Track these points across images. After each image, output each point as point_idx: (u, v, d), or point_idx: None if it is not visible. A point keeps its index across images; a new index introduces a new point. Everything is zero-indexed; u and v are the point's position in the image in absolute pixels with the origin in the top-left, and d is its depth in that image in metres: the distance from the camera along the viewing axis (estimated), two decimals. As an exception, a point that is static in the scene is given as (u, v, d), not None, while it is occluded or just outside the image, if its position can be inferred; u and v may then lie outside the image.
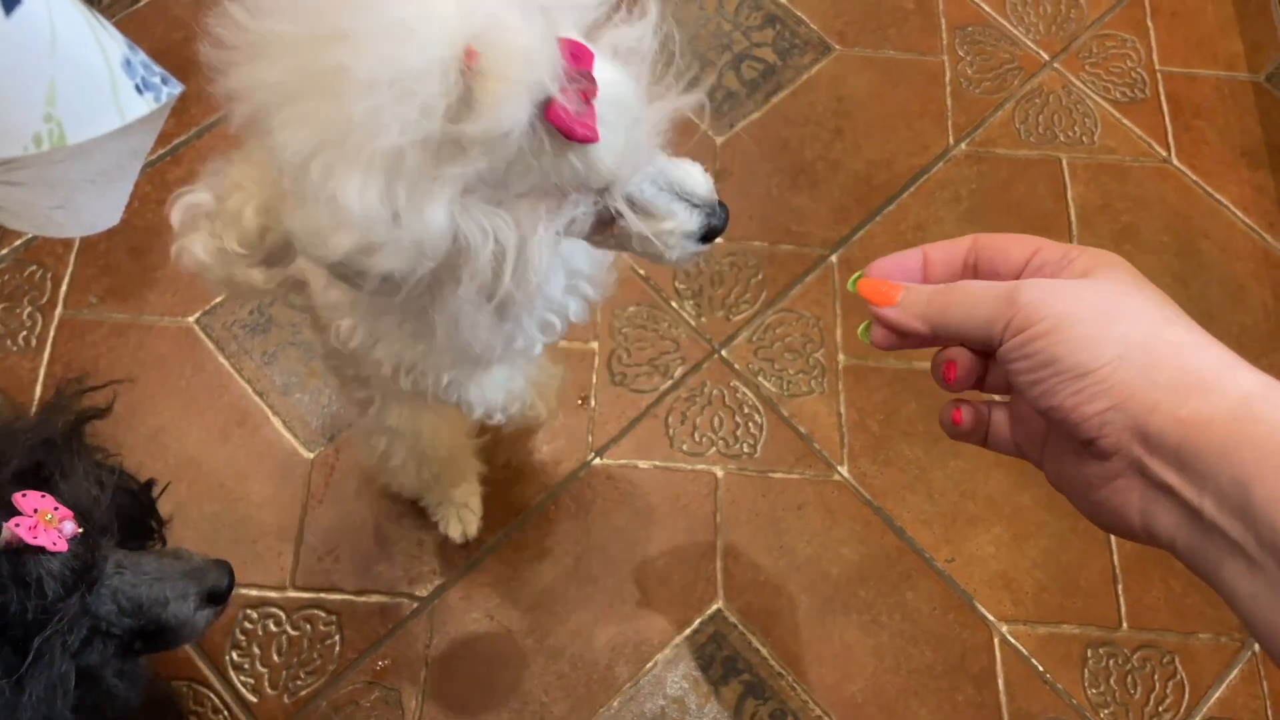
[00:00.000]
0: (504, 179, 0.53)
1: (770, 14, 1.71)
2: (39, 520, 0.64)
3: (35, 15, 0.46)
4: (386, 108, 0.48)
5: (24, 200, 0.52)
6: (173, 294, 1.45)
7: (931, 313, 0.52)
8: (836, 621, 1.31)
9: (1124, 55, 1.71)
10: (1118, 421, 0.45)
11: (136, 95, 0.51)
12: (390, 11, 0.49)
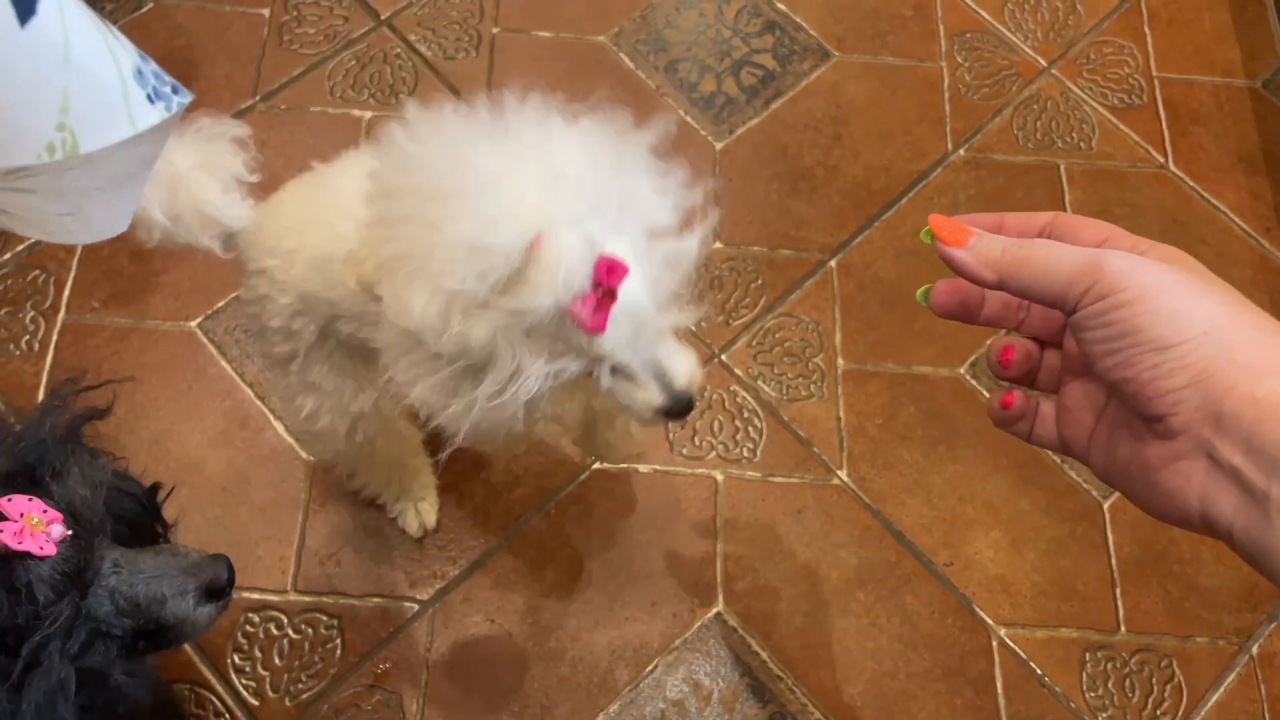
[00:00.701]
0: (530, 325, 0.69)
1: (770, 21, 1.72)
2: (25, 525, 0.64)
3: (49, 26, 0.47)
4: (459, 262, 0.65)
5: (33, 207, 0.53)
6: (175, 298, 1.45)
7: (1006, 263, 0.50)
8: (836, 625, 1.31)
9: (1121, 61, 1.72)
10: (1192, 400, 0.44)
11: (148, 104, 0.51)
12: (486, 199, 0.66)
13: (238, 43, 1.64)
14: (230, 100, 1.58)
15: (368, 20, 1.67)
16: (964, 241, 0.52)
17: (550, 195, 0.67)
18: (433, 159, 0.69)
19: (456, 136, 0.69)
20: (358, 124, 1.59)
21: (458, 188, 0.66)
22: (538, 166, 0.68)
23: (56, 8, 0.48)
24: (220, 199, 0.94)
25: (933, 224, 0.53)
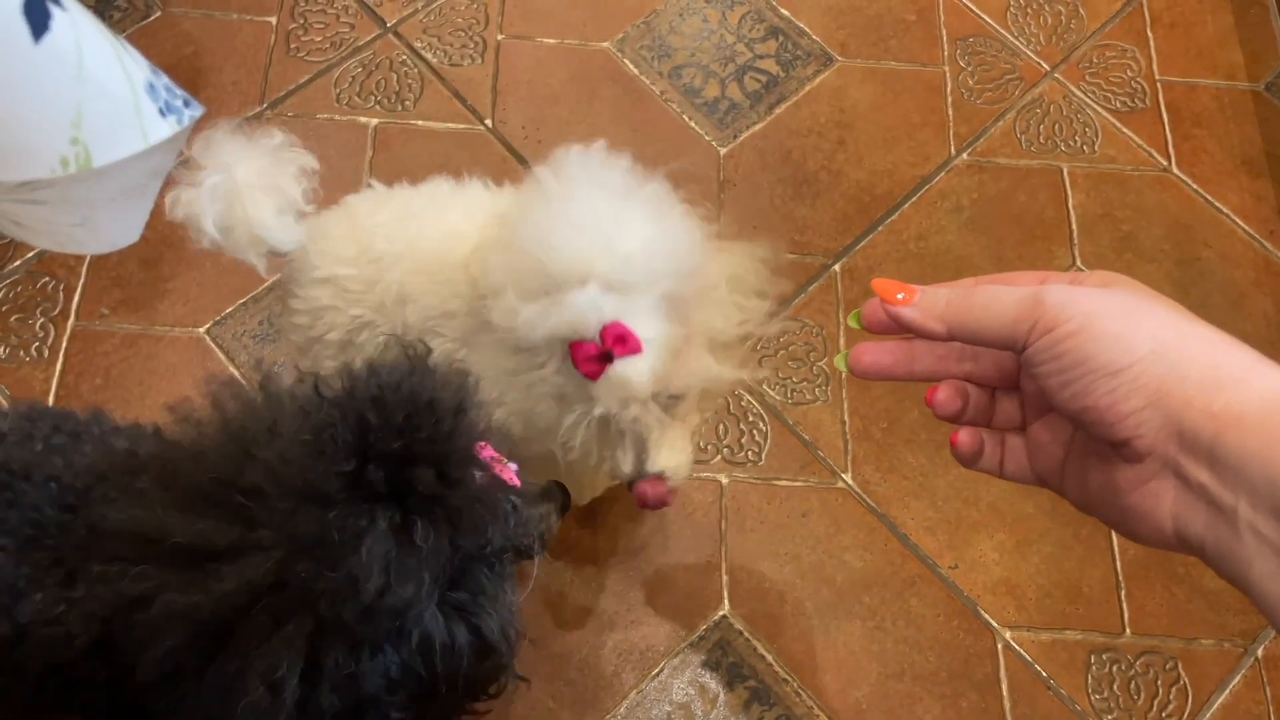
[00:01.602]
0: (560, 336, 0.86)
1: (773, 26, 1.73)
2: (502, 463, 0.73)
3: (62, 41, 0.48)
4: (536, 280, 0.84)
5: (45, 218, 0.53)
6: (184, 305, 1.46)
7: (950, 314, 0.51)
8: (841, 628, 1.32)
9: (1124, 65, 1.73)
10: (1154, 421, 0.45)
11: (160, 118, 0.52)
12: (558, 252, 0.84)
13: (245, 51, 1.65)
14: (238, 108, 1.59)
15: (374, 27, 1.68)
16: (909, 299, 0.53)
17: (600, 259, 0.83)
18: (536, 213, 0.87)
19: (556, 199, 0.87)
20: (364, 131, 1.60)
21: (547, 237, 0.84)
22: (603, 238, 0.84)
23: (70, 23, 0.49)
24: (274, 221, 0.97)
25: (875, 286, 0.54)
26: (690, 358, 0.89)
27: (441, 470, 0.63)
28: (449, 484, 0.64)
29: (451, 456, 0.65)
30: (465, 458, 0.68)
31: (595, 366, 0.84)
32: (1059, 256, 1.56)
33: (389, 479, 0.62)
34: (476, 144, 1.59)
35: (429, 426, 0.64)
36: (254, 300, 1.47)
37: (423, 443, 0.63)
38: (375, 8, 1.70)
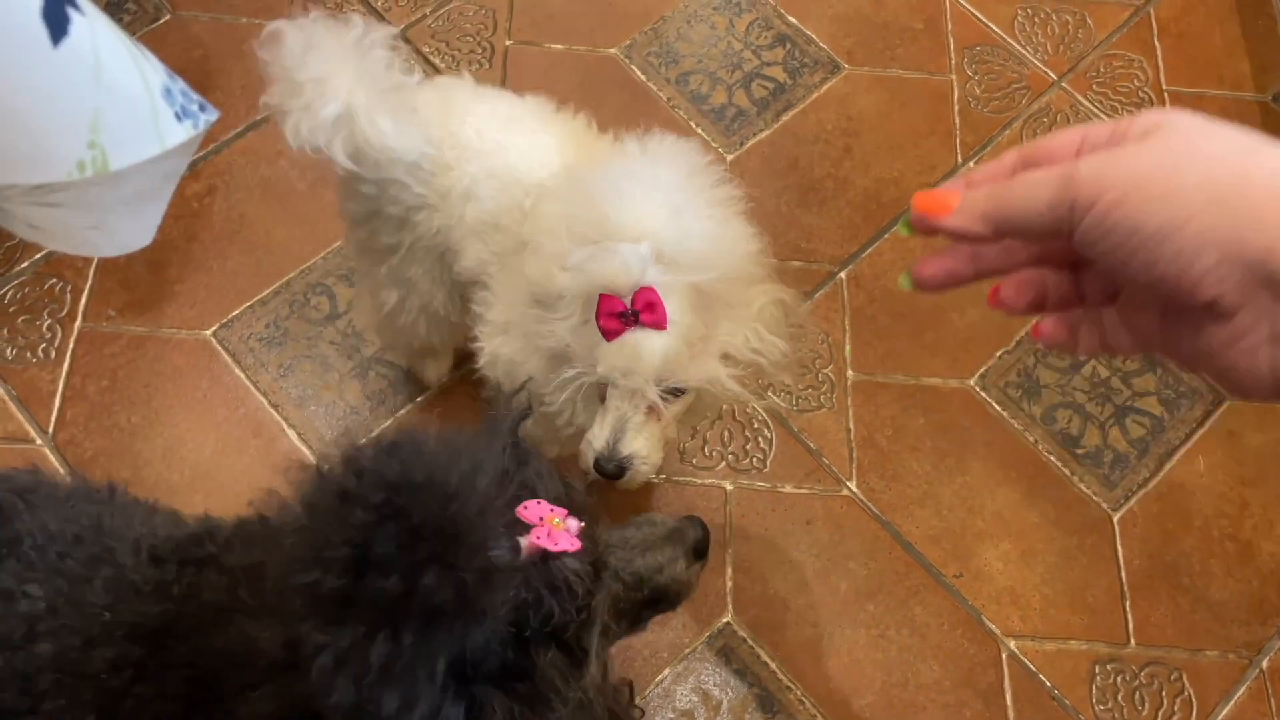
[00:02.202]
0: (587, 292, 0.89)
1: (780, 33, 1.73)
2: (549, 525, 0.64)
3: (81, 46, 0.48)
4: (582, 239, 0.89)
5: (60, 221, 0.54)
6: (190, 307, 1.47)
7: (991, 209, 0.47)
8: (845, 636, 1.32)
9: (1131, 75, 1.73)
10: (1234, 275, 0.41)
11: (176, 122, 0.53)
12: (610, 222, 0.88)
13: (253, 54, 1.64)
14: (245, 111, 1.60)
15: (382, 32, 1.68)
16: (949, 206, 0.49)
17: (662, 226, 0.86)
18: (613, 170, 0.92)
19: (636, 163, 0.92)
20: (371, 135, 1.60)
21: (617, 190, 0.89)
22: (669, 208, 0.88)
23: (88, 28, 0.50)
24: (395, 137, 0.97)
25: (915, 201, 0.51)
26: (703, 360, 0.91)
27: (448, 561, 0.56)
28: (452, 572, 0.56)
29: (460, 540, 0.57)
30: (477, 539, 0.59)
31: (617, 324, 0.86)
32: (1065, 266, 1.56)
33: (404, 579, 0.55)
34: (484, 149, 1.59)
35: (423, 511, 0.56)
36: (261, 303, 1.47)
37: (424, 532, 0.56)
38: (384, 13, 1.70)
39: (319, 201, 1.55)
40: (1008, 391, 1.47)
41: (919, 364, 1.48)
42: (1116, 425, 1.46)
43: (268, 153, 1.58)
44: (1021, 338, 1.51)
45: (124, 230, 0.58)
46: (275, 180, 1.56)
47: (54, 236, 0.56)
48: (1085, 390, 1.48)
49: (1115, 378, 1.49)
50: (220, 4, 1.68)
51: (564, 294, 0.90)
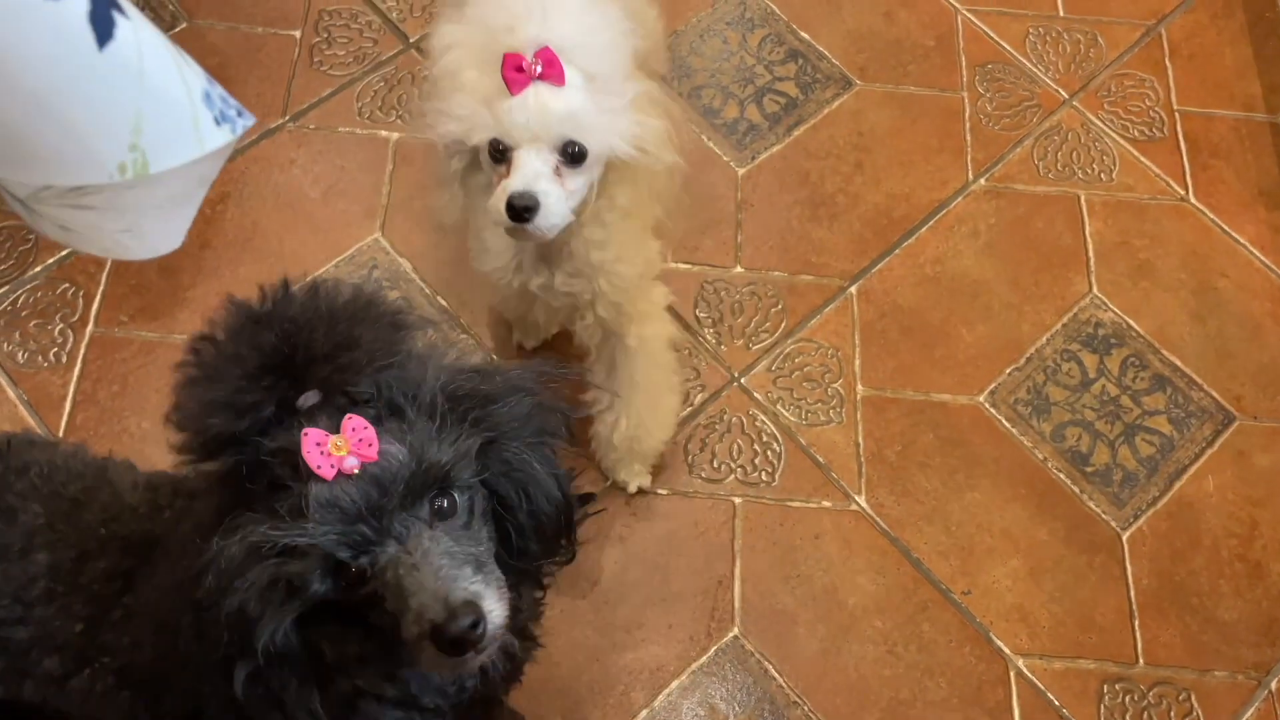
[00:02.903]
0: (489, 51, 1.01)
1: (792, 49, 1.74)
2: (328, 449, 0.71)
3: (126, 49, 0.49)
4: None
5: (93, 224, 0.54)
6: (202, 314, 1.46)
7: None
8: (853, 651, 1.31)
9: (1142, 95, 1.73)
10: None
11: (215, 127, 0.53)
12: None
13: (269, 63, 1.66)
14: (261, 119, 1.60)
15: (396, 43, 1.69)
16: None
17: (548, 18, 0.99)
18: None
19: None
20: (385, 144, 1.61)
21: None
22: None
23: (133, 32, 0.50)
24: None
25: None
26: (599, 128, 1.02)
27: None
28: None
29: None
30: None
31: (520, 76, 0.97)
32: (1075, 283, 1.56)
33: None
34: (496, 160, 1.60)
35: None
36: (272, 310, 1.47)
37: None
38: (399, 23, 1.71)
39: (331, 210, 1.56)
40: (1017, 408, 1.47)
41: (928, 380, 1.48)
42: (1126, 444, 1.46)
43: (281, 161, 1.59)
44: (1031, 354, 1.51)
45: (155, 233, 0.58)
46: (288, 188, 1.57)
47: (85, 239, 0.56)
48: (1095, 408, 1.48)
49: (1125, 396, 1.49)
50: (236, 13, 1.69)
51: (460, 67, 1.03)
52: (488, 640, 0.68)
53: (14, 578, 0.81)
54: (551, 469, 0.77)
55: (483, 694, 0.84)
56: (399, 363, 0.70)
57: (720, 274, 1.55)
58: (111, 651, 0.80)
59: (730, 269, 1.55)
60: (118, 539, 0.82)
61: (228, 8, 1.70)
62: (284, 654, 0.68)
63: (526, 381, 0.78)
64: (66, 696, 0.82)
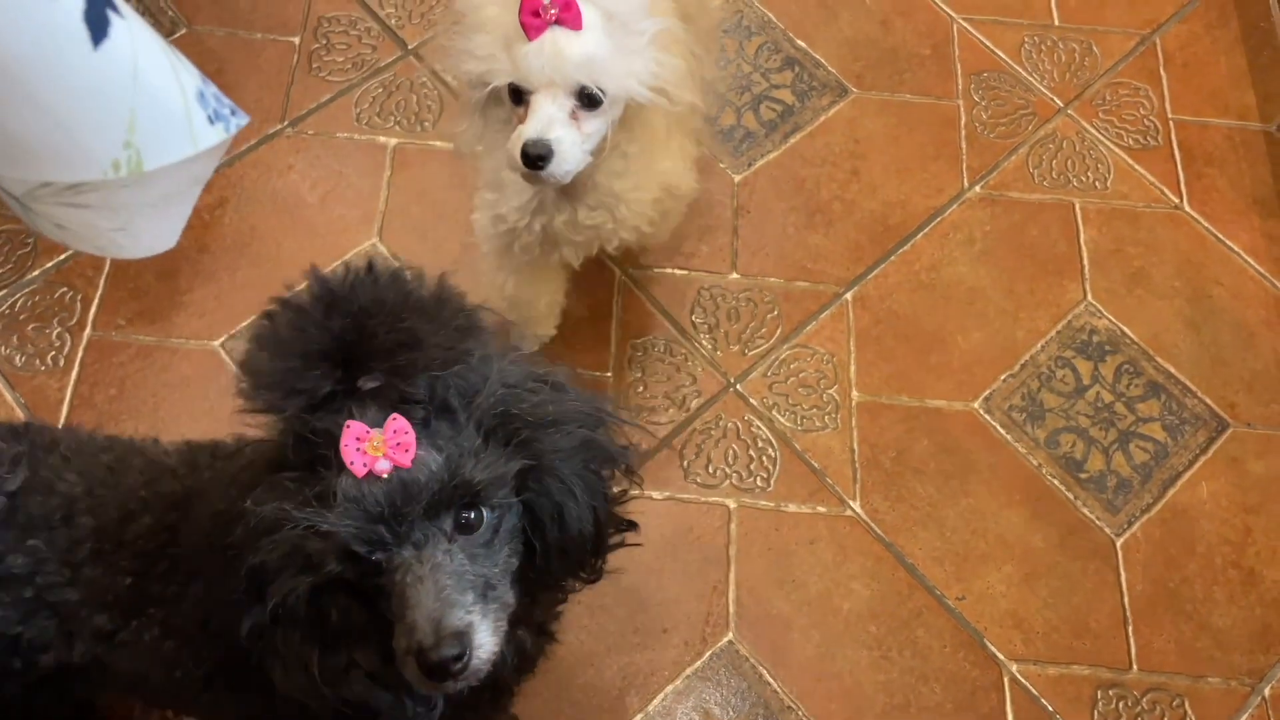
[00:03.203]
0: None
1: (789, 57, 1.74)
2: (365, 448, 0.72)
3: (120, 48, 0.50)
4: None
5: (87, 222, 0.55)
6: (199, 318, 1.48)
7: None
8: (847, 657, 1.32)
9: (1137, 103, 1.74)
10: None
11: (208, 125, 0.54)
12: None
13: (268, 69, 1.67)
14: (259, 125, 1.61)
15: (395, 49, 1.70)
16: None
17: None
18: None
19: None
20: (383, 150, 1.61)
21: None
22: None
23: (127, 31, 0.51)
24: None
25: None
26: (616, 71, 1.03)
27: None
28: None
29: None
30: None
31: (537, 21, 0.98)
32: (1070, 291, 1.57)
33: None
34: (494, 166, 1.60)
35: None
36: (269, 315, 1.48)
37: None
38: (397, 30, 1.72)
39: (329, 215, 1.56)
40: (1012, 415, 1.48)
41: (923, 386, 1.49)
42: (1120, 450, 1.46)
43: (279, 166, 1.60)
44: (1026, 361, 1.51)
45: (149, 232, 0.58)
46: (285, 193, 1.58)
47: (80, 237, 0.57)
48: (1089, 415, 1.48)
49: (1119, 403, 1.49)
50: (236, 19, 1.70)
51: (484, 3, 1.03)
52: (469, 673, 0.69)
53: (59, 544, 0.83)
54: (591, 499, 0.77)
55: (492, 680, 0.85)
56: (459, 368, 0.71)
57: (716, 280, 1.55)
58: (158, 602, 0.83)
59: (726, 275, 1.56)
60: (160, 497, 0.85)
61: (227, 14, 1.71)
62: (292, 612, 0.70)
63: (589, 410, 0.78)
64: (114, 651, 0.84)
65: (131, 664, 0.84)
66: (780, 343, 1.51)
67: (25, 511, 0.84)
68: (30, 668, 0.85)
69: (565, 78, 1.01)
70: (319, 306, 0.69)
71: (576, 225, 1.20)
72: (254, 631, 0.71)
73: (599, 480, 0.78)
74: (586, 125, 1.04)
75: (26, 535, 0.84)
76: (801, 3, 1.79)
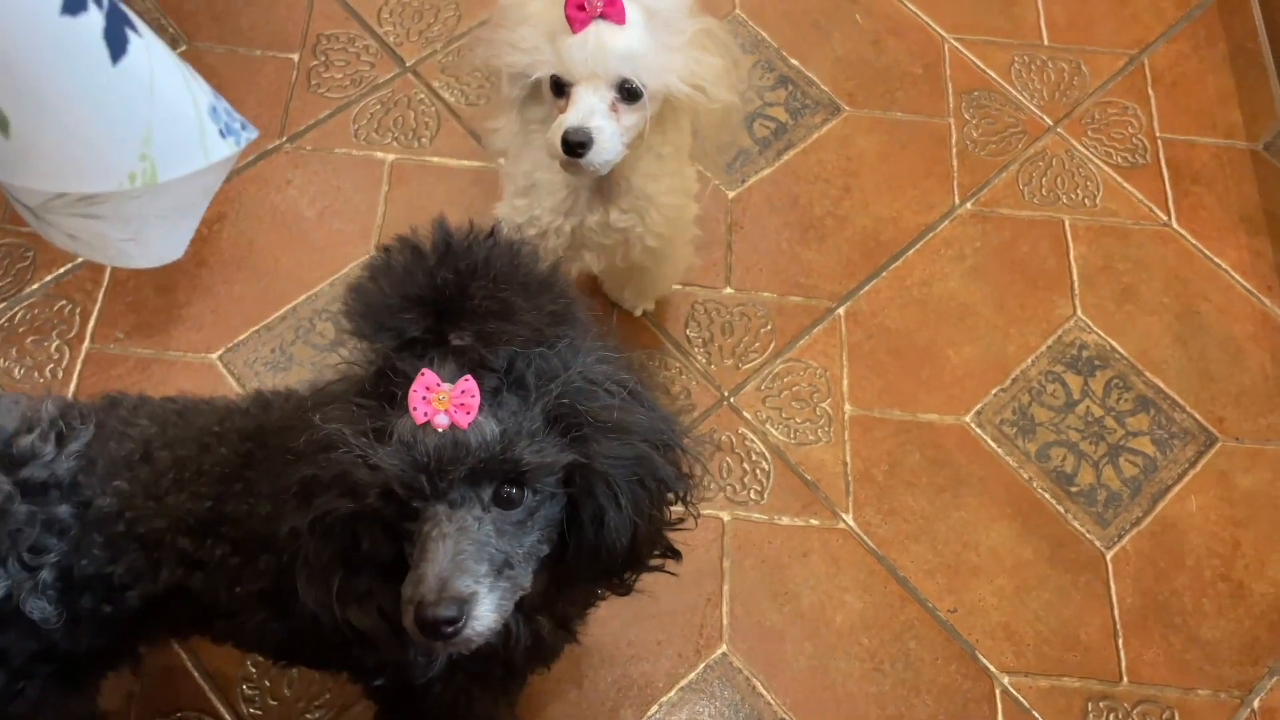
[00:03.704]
0: None
1: (783, 75, 1.77)
2: (433, 401, 0.74)
3: (138, 64, 0.51)
4: None
5: (99, 232, 0.56)
6: (197, 331, 1.49)
7: None
8: (840, 669, 1.32)
9: (1125, 122, 1.77)
10: None
11: (220, 139, 0.55)
12: None
13: (267, 85, 1.69)
14: (258, 140, 1.62)
15: (393, 66, 1.72)
16: None
17: None
18: None
19: None
20: (380, 166, 1.63)
21: None
22: None
23: (145, 47, 0.52)
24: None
25: None
26: (657, 67, 1.07)
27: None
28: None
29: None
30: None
31: (581, 15, 1.02)
32: (1060, 306, 1.59)
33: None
34: (489, 182, 1.62)
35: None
36: (266, 329, 1.49)
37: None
38: (395, 47, 1.74)
39: (326, 229, 1.58)
40: (1003, 429, 1.49)
41: (915, 400, 1.50)
42: (1110, 464, 1.47)
43: (277, 181, 1.61)
44: (1016, 375, 1.53)
45: (158, 243, 0.60)
46: (284, 208, 1.59)
47: (91, 247, 0.58)
48: (1079, 429, 1.50)
49: (1109, 417, 1.51)
50: (236, 36, 1.72)
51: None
52: (461, 639, 0.70)
53: (142, 479, 0.88)
54: (635, 513, 0.77)
55: (504, 658, 0.86)
56: (543, 350, 0.73)
57: (710, 294, 1.57)
58: (231, 520, 0.87)
59: (720, 290, 1.57)
60: (233, 430, 0.90)
61: (227, 30, 1.72)
62: (329, 529, 0.73)
63: (656, 428, 0.78)
64: (192, 574, 0.89)
65: (204, 583, 0.89)
66: (774, 357, 1.52)
67: (105, 458, 0.89)
68: (119, 610, 0.89)
69: (607, 70, 1.04)
70: (433, 254, 0.72)
71: (608, 227, 1.22)
72: (292, 534, 0.75)
73: (648, 497, 0.78)
74: (625, 118, 1.08)
75: (111, 478, 0.88)
76: (795, 22, 1.81)
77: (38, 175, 0.52)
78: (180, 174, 0.53)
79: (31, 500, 0.83)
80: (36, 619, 0.84)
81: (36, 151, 0.52)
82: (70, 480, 0.86)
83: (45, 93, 0.49)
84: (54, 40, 0.47)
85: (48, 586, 0.84)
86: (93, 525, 0.87)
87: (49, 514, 0.84)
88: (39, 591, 0.83)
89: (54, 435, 0.87)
